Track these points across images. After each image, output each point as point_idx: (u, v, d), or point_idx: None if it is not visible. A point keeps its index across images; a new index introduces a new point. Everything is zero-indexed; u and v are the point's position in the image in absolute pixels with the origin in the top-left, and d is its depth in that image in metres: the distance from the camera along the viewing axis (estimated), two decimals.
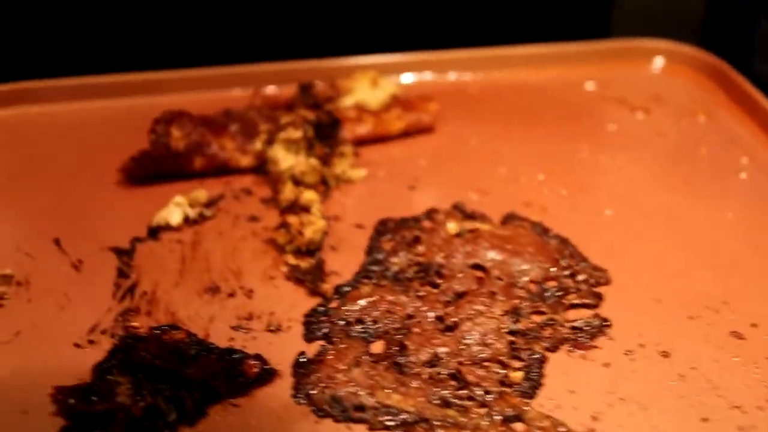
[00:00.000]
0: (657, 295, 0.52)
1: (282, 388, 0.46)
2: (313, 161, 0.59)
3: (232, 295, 0.52)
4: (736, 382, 0.47)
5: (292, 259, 0.53)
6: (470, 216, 0.58)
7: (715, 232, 0.58)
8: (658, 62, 0.79)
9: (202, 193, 0.58)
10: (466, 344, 0.48)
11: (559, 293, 0.52)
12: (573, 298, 0.52)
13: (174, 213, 0.56)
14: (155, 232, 0.56)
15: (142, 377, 0.44)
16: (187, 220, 0.57)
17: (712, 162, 0.66)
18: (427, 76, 0.77)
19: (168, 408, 0.43)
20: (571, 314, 0.51)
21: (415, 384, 0.46)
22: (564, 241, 0.56)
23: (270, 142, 0.60)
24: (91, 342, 0.48)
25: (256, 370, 0.46)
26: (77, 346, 0.48)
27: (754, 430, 0.44)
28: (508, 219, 0.58)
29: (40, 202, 0.60)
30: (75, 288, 0.52)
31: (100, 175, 0.62)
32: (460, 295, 0.51)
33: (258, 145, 0.61)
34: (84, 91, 0.71)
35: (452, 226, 0.57)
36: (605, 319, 0.50)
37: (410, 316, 0.50)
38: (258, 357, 0.47)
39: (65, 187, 0.61)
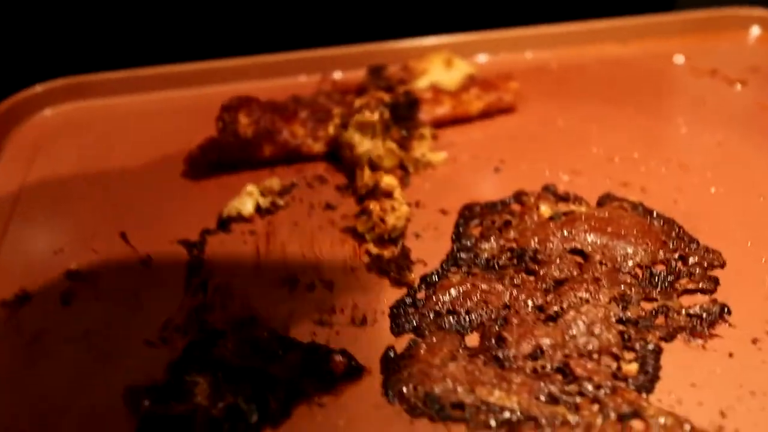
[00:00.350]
0: None
1: (371, 385, 0.42)
2: (391, 144, 0.55)
3: (311, 287, 0.48)
4: None
5: (374, 248, 0.49)
6: (563, 198, 0.53)
7: None
8: (754, 31, 0.73)
9: (274, 181, 0.55)
10: (571, 335, 0.43)
11: (670, 278, 0.47)
12: (686, 283, 0.47)
13: (246, 203, 0.53)
14: (226, 223, 0.53)
15: (221, 376, 0.41)
16: (259, 210, 0.54)
17: None
18: (503, 55, 0.72)
19: (250, 408, 0.40)
20: (685, 300, 0.46)
21: (518, 379, 0.41)
22: (669, 222, 0.51)
23: (344, 126, 0.56)
24: (163, 340, 0.45)
25: (342, 366, 0.42)
26: (149, 343, 0.45)
27: None
28: (605, 200, 0.53)
29: (106, 196, 0.57)
30: (144, 284, 0.49)
31: (166, 166, 0.59)
32: (559, 283, 0.47)
33: (330, 129, 0.57)
34: (149, 82, 0.69)
35: (545, 210, 0.52)
36: (724, 305, 0.45)
37: (507, 306, 0.45)
38: (344, 353, 0.43)
39: (131, 180, 0.58)
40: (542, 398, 0.40)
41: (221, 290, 0.48)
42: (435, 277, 0.48)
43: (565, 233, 0.50)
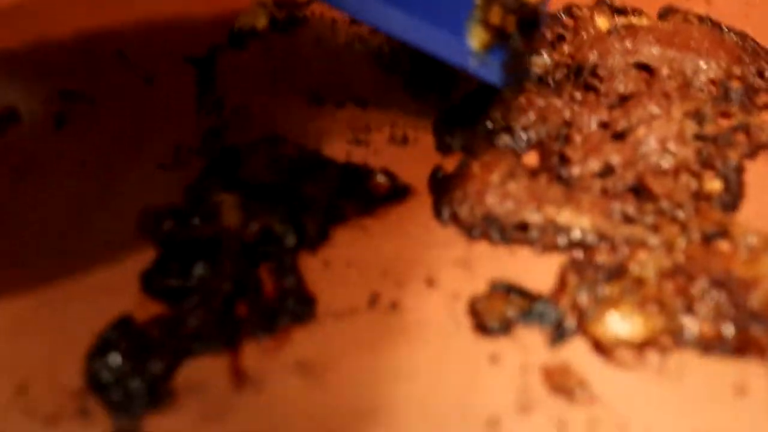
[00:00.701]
0: None
1: (419, 207, 0.37)
2: None
3: (341, 104, 0.42)
4: None
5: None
6: (620, 11, 0.47)
7: None
8: None
9: None
10: (643, 153, 0.38)
11: (748, 93, 0.41)
12: (766, 99, 0.41)
13: (259, 15, 0.46)
14: (238, 38, 0.46)
15: (251, 195, 0.35)
16: (275, 25, 0.47)
17: None
18: None
19: (286, 231, 0.34)
20: (766, 116, 0.41)
21: (587, 198, 0.36)
22: (742, 35, 0.45)
23: None
24: (178, 162, 0.39)
25: (385, 187, 0.37)
26: (162, 167, 0.39)
27: None
28: (667, 12, 0.47)
29: (99, 12, 0.49)
30: (150, 104, 0.43)
31: None
32: (625, 98, 0.41)
33: None
34: None
35: (602, 23, 0.46)
36: None
37: (567, 123, 0.40)
38: (386, 172, 0.38)
39: None
40: (616, 218, 0.36)
41: (238, 110, 0.42)
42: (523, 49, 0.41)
43: (628, 46, 0.44)
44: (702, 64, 0.43)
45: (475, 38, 0.38)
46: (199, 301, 0.33)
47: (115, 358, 0.31)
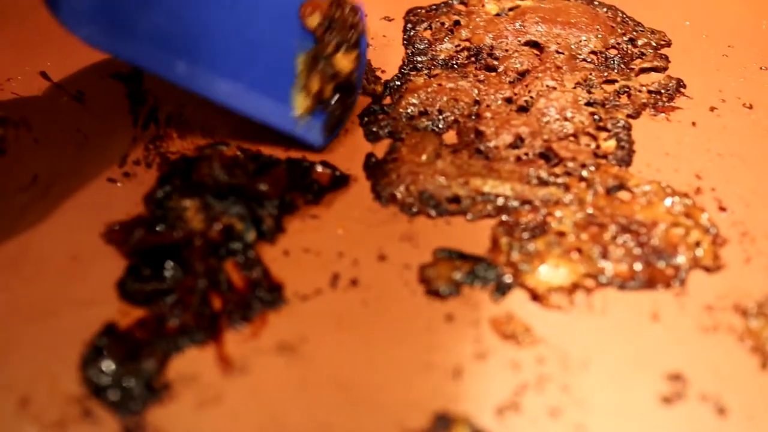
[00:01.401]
0: (721, 50, 0.49)
1: (360, 192, 0.41)
2: None
3: None
4: None
5: None
6: None
7: None
8: None
9: None
10: (545, 121, 0.43)
11: (625, 59, 0.48)
12: (640, 63, 0.48)
13: None
14: None
15: (209, 198, 0.38)
16: None
17: None
18: None
19: (246, 227, 0.38)
20: (642, 79, 0.47)
21: (506, 167, 0.41)
22: (613, 9, 0.51)
23: None
24: (126, 175, 0.42)
25: (327, 176, 0.41)
26: (112, 181, 0.41)
27: None
28: None
29: (20, 35, 0.50)
30: (84, 121, 0.45)
31: None
32: (522, 74, 0.46)
33: None
34: None
35: (491, 7, 0.51)
36: (679, 79, 0.47)
37: (477, 102, 0.45)
38: (325, 164, 0.41)
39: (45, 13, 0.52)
40: (534, 182, 0.41)
41: (175, 119, 0.44)
42: (398, 83, 0.46)
43: (518, 27, 0.49)
44: (583, 37, 0.48)
45: (298, 105, 0.42)
46: (177, 300, 0.36)
47: (108, 363, 0.34)
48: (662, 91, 0.46)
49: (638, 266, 0.38)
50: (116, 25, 0.38)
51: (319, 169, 0.41)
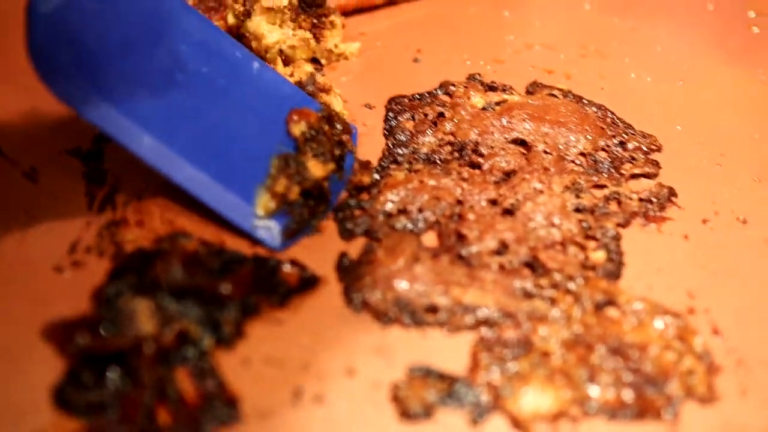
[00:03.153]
0: (714, 160, 0.47)
1: (331, 296, 0.38)
2: (304, 33, 0.49)
3: None
4: None
5: None
6: (492, 87, 0.50)
7: (752, 88, 0.53)
8: None
9: None
10: (532, 227, 0.41)
11: (615, 163, 0.45)
12: (630, 168, 0.45)
13: None
14: None
15: (165, 299, 0.35)
16: None
17: (721, 15, 0.60)
18: None
19: (202, 333, 0.34)
20: (632, 186, 0.45)
21: (489, 277, 0.38)
22: (602, 109, 0.49)
23: (247, 14, 0.49)
24: (75, 264, 0.38)
25: (295, 277, 0.37)
26: (58, 270, 0.38)
27: None
28: (534, 88, 0.51)
29: None
30: (35, 202, 0.41)
31: None
32: (508, 174, 0.44)
33: (230, 19, 0.50)
34: None
35: (477, 100, 0.49)
36: (671, 188, 0.44)
37: (459, 202, 0.42)
38: (294, 262, 0.38)
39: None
40: (517, 294, 0.38)
41: (133, 203, 0.41)
42: (377, 176, 0.43)
43: (504, 123, 0.47)
44: (572, 137, 0.46)
45: (261, 204, 0.40)
46: (120, 414, 0.32)
47: None
48: (653, 199, 0.44)
49: (628, 395, 0.35)
50: (92, 85, 0.37)
51: (287, 268, 0.38)
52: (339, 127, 0.43)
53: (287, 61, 0.49)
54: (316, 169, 0.41)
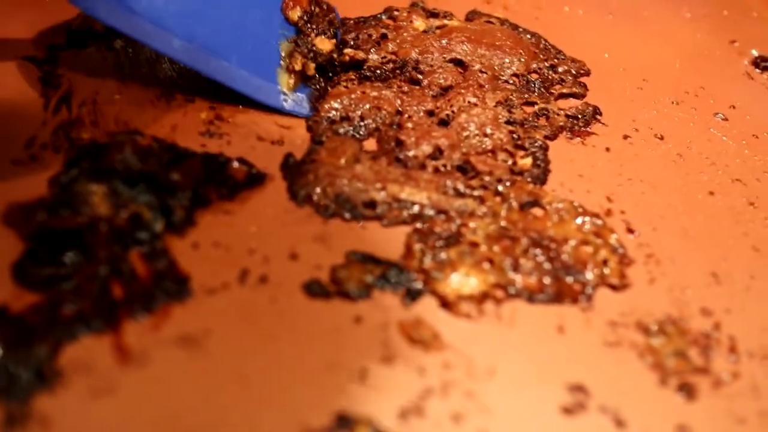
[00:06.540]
0: (637, 84, 0.51)
1: (276, 191, 0.40)
2: None
3: (191, 99, 0.44)
4: (730, 159, 0.46)
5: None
6: (433, 14, 0.53)
7: (676, 25, 0.57)
8: None
9: None
10: (465, 136, 0.44)
11: (545, 84, 0.49)
12: (559, 89, 0.49)
13: None
14: (78, 38, 0.47)
15: (118, 185, 0.37)
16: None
17: None
18: None
19: (154, 217, 0.37)
20: (561, 104, 0.48)
21: (424, 177, 0.41)
22: (536, 36, 0.53)
23: None
24: (33, 158, 0.40)
25: (243, 173, 0.40)
26: (16, 162, 0.40)
27: (758, 200, 0.44)
28: (473, 15, 0.53)
29: None
30: None
31: None
32: (445, 90, 0.47)
33: None
34: None
35: (419, 24, 0.51)
36: (596, 107, 0.48)
37: (399, 112, 0.45)
38: (242, 160, 0.41)
39: None
40: (450, 193, 0.41)
41: (87, 105, 0.43)
42: (323, 86, 0.46)
43: (444, 44, 0.50)
44: (507, 60, 0.49)
45: (283, 83, 0.45)
46: (75, 287, 0.34)
47: None
48: (579, 116, 0.47)
49: (547, 280, 0.38)
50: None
51: (236, 165, 0.40)
52: (325, 7, 0.48)
53: None
54: (324, 44, 0.46)
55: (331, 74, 0.47)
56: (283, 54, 0.46)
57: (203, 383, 0.33)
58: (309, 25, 0.47)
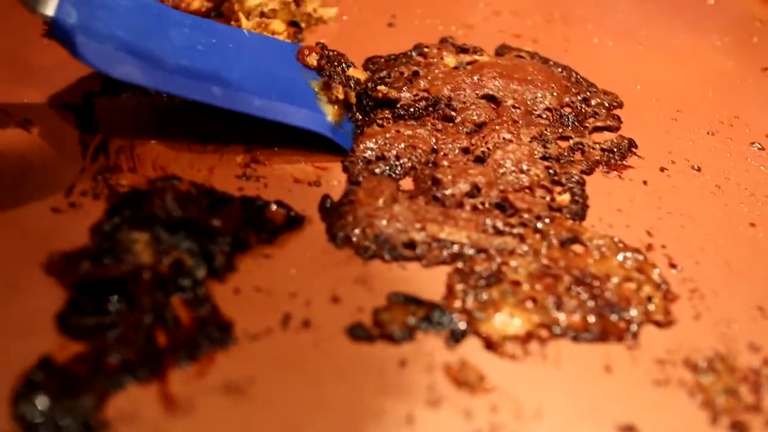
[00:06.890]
0: (670, 115, 0.51)
1: (315, 233, 0.40)
2: None
3: (225, 144, 0.45)
4: None
5: None
6: (463, 49, 0.53)
7: (706, 53, 0.57)
8: None
9: None
10: (502, 173, 0.44)
11: (579, 118, 0.49)
12: (593, 122, 0.49)
13: None
14: (113, 84, 0.47)
15: (161, 232, 0.37)
16: None
17: None
18: None
19: (196, 263, 0.37)
20: (595, 138, 0.48)
21: (462, 215, 0.41)
22: (567, 69, 0.52)
23: None
24: (72, 205, 0.40)
25: (281, 216, 0.40)
26: (56, 210, 0.40)
27: None
28: (503, 50, 0.54)
29: None
30: (30, 149, 0.43)
31: (25, 23, 0.51)
32: (479, 126, 0.47)
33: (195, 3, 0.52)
34: None
35: (449, 60, 0.52)
36: (631, 140, 0.48)
37: (434, 150, 0.45)
38: (280, 203, 0.41)
39: None
40: (489, 231, 0.41)
41: (125, 151, 0.43)
42: (362, 118, 0.46)
43: (475, 80, 0.50)
44: (539, 94, 0.49)
45: (329, 112, 0.45)
46: (120, 336, 0.34)
47: (43, 399, 0.32)
48: (615, 149, 0.47)
49: (591, 318, 0.38)
50: (148, 63, 0.41)
51: (274, 208, 0.40)
52: (335, 53, 0.48)
53: (267, 26, 0.51)
54: (358, 73, 0.47)
55: (366, 108, 0.47)
56: (316, 90, 0.46)
57: (248, 430, 0.32)
58: (329, 64, 0.47)
